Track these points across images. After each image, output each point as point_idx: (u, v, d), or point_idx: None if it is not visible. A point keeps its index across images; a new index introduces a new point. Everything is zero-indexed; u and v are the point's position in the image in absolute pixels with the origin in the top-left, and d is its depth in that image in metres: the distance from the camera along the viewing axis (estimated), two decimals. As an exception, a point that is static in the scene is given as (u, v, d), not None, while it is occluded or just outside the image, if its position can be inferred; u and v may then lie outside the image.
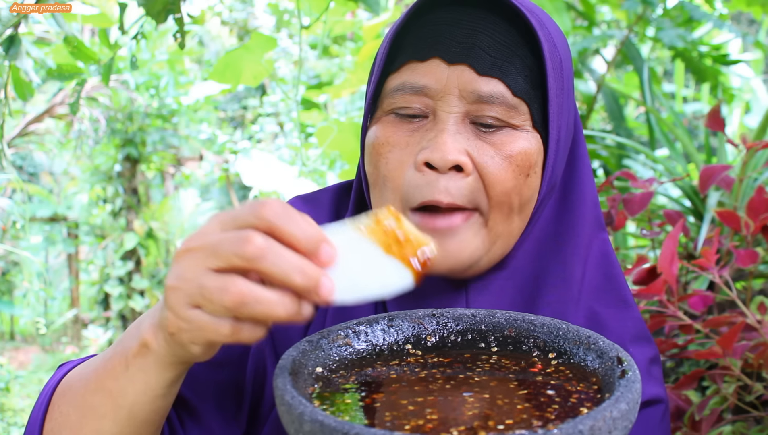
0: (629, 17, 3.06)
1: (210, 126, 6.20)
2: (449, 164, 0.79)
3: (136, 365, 0.69)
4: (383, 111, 0.85)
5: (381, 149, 0.84)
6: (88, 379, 0.74)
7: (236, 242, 0.59)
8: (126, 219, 5.83)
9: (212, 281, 0.60)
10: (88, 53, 1.69)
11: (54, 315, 6.32)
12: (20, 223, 3.30)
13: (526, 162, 0.82)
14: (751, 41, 2.81)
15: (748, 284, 1.40)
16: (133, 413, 0.71)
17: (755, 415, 1.28)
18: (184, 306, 0.62)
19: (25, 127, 4.50)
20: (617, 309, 0.90)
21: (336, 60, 5.71)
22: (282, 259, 0.59)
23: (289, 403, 0.59)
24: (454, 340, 0.77)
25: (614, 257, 0.94)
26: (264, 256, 0.59)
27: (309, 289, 0.60)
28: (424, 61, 0.82)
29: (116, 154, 5.65)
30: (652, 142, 2.86)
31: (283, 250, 0.60)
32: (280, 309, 0.60)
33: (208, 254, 0.60)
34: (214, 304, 0.60)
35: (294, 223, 0.60)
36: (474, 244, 0.82)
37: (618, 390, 0.60)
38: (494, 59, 0.80)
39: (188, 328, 0.62)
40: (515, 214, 0.83)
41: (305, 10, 2.35)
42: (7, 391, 4.42)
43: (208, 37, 7.61)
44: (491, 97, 0.80)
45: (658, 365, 0.92)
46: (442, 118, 0.81)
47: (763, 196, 1.32)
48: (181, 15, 1.63)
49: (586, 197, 0.91)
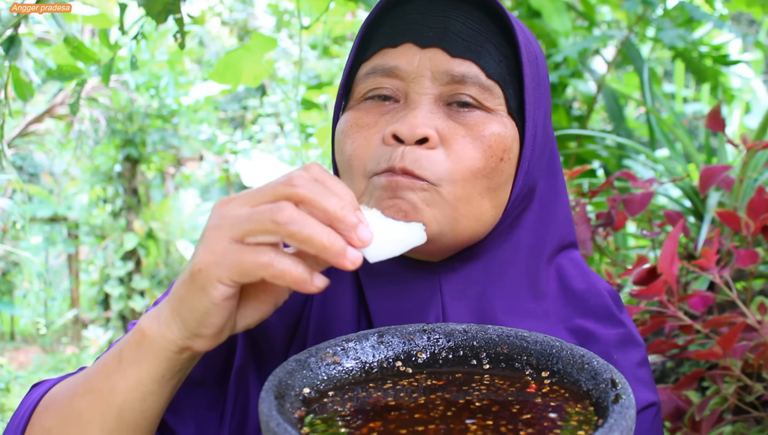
0: (629, 17, 3.06)
1: (210, 126, 6.21)
2: (416, 137, 0.77)
3: (130, 358, 0.68)
4: (354, 99, 0.84)
5: (348, 131, 0.82)
6: (75, 385, 0.73)
7: (269, 212, 0.61)
8: (126, 219, 5.84)
9: (262, 206, 0.62)
10: (88, 53, 1.69)
11: (54, 315, 6.32)
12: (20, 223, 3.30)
13: (499, 144, 0.80)
14: (751, 42, 2.81)
15: (748, 284, 1.40)
16: (123, 414, 0.69)
17: (755, 416, 1.28)
18: (223, 238, 0.63)
19: (25, 128, 4.51)
20: (597, 318, 0.89)
21: (336, 60, 5.71)
22: (309, 228, 0.61)
23: (275, 430, 0.57)
24: (445, 356, 0.75)
25: (587, 267, 0.92)
26: (293, 221, 0.61)
27: (337, 249, 0.62)
28: (396, 47, 0.81)
29: (116, 155, 5.65)
30: (652, 142, 2.86)
31: (312, 220, 0.62)
32: (322, 237, 0.61)
33: (243, 221, 0.62)
34: (260, 223, 0.61)
35: (326, 195, 0.63)
36: (430, 213, 0.78)
37: (611, 417, 0.58)
38: (467, 43, 0.80)
39: (220, 262, 0.62)
40: (484, 197, 0.80)
41: (305, 10, 2.35)
42: (7, 392, 4.42)
43: (209, 37, 7.61)
44: (464, 77, 0.79)
45: (646, 367, 0.91)
46: (413, 99, 0.80)
47: (763, 196, 1.32)
48: (182, 15, 1.63)
49: (559, 210, 0.90)
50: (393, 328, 0.76)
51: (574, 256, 0.92)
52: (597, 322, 0.88)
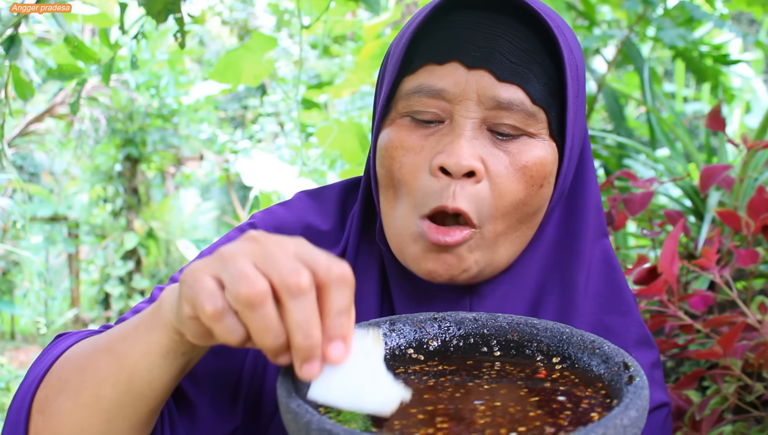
0: (630, 17, 3.06)
1: (210, 126, 6.20)
2: (464, 170, 0.77)
3: (145, 324, 0.69)
4: (398, 113, 0.84)
5: (395, 153, 0.82)
6: (98, 342, 0.74)
7: (290, 268, 0.59)
8: (126, 219, 5.84)
9: (248, 269, 0.59)
10: (88, 53, 1.69)
11: (54, 315, 6.32)
12: (21, 222, 3.30)
13: (540, 172, 0.80)
14: (752, 41, 2.81)
15: (748, 284, 1.40)
16: (131, 379, 0.70)
17: (756, 415, 1.28)
18: (205, 269, 0.61)
19: (25, 127, 4.51)
20: (620, 314, 0.90)
21: (336, 60, 5.71)
22: (304, 311, 0.59)
23: (295, 411, 0.58)
24: (456, 344, 0.76)
25: (616, 262, 0.93)
26: (302, 294, 0.58)
27: (306, 353, 0.59)
28: (443, 64, 0.80)
29: (117, 154, 5.65)
30: (652, 141, 2.86)
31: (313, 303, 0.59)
32: (269, 338, 0.59)
33: (262, 255, 0.60)
34: (231, 284, 0.59)
35: (340, 294, 0.60)
36: (472, 259, 0.81)
37: (627, 397, 0.59)
38: (514, 65, 0.79)
39: (191, 284, 0.61)
40: (524, 223, 0.82)
41: (306, 9, 2.35)
42: (8, 391, 4.42)
43: (209, 36, 7.61)
44: (510, 103, 0.78)
45: (660, 369, 0.92)
46: (459, 123, 0.79)
47: (763, 196, 1.32)
48: (182, 15, 1.63)
49: (590, 202, 0.90)
50: (404, 316, 0.77)
51: (604, 246, 0.93)
52: (618, 318, 0.89)
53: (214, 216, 6.72)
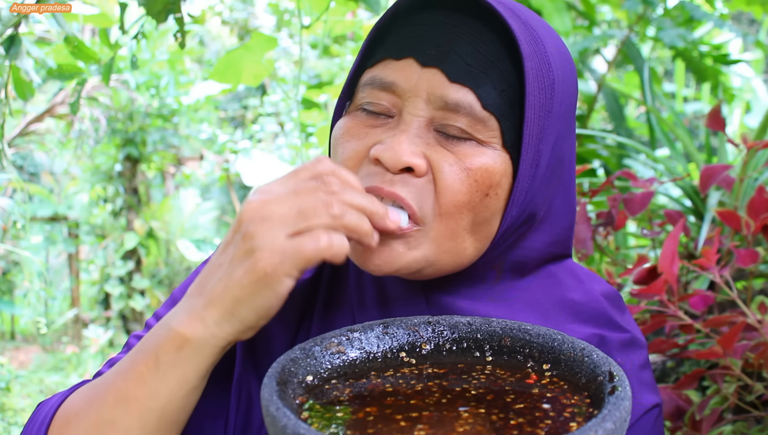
0: (630, 17, 3.06)
1: (210, 126, 6.21)
2: (400, 165, 0.76)
3: (169, 362, 0.70)
4: (354, 106, 0.83)
5: (340, 139, 0.82)
6: (101, 397, 0.73)
7: (324, 207, 0.68)
8: (126, 219, 5.84)
9: (311, 202, 0.68)
10: (88, 53, 1.69)
11: (54, 315, 6.33)
12: (21, 222, 3.30)
13: (485, 179, 0.77)
14: (752, 41, 2.81)
15: (748, 284, 1.40)
16: (165, 415, 0.71)
17: (756, 415, 1.28)
18: (280, 236, 0.67)
19: (25, 127, 4.51)
20: (596, 325, 0.88)
21: (336, 60, 5.71)
22: (358, 217, 0.70)
23: (273, 414, 0.58)
24: (449, 348, 0.76)
25: (582, 274, 0.91)
26: (345, 213, 0.69)
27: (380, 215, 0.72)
28: (399, 59, 0.79)
29: (117, 154, 5.65)
30: (652, 141, 2.86)
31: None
32: (365, 224, 0.70)
33: (297, 217, 0.68)
34: (318, 218, 0.68)
35: (354, 194, 0.71)
36: (411, 257, 0.78)
37: (606, 408, 0.59)
38: (469, 67, 0.76)
39: (285, 258, 0.66)
40: (467, 232, 0.79)
41: (306, 9, 2.35)
42: (8, 391, 4.42)
43: (209, 36, 7.61)
44: (458, 105, 0.76)
45: (649, 369, 0.90)
46: (405, 119, 0.78)
47: (763, 195, 1.32)
48: (182, 15, 1.63)
49: (562, 220, 0.88)
50: (398, 319, 0.77)
51: (568, 264, 0.91)
52: (597, 328, 0.87)
53: (214, 216, 6.73)
